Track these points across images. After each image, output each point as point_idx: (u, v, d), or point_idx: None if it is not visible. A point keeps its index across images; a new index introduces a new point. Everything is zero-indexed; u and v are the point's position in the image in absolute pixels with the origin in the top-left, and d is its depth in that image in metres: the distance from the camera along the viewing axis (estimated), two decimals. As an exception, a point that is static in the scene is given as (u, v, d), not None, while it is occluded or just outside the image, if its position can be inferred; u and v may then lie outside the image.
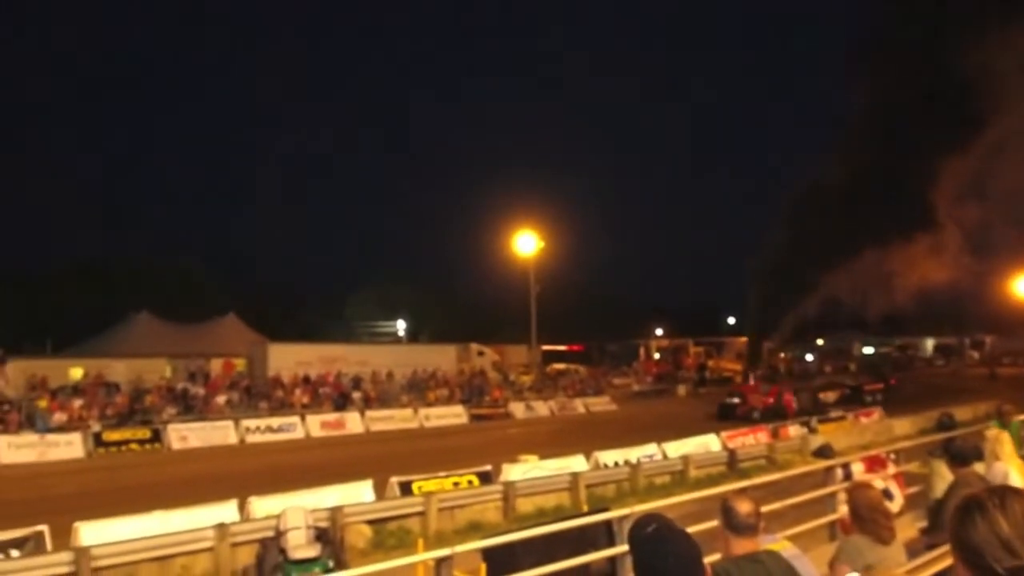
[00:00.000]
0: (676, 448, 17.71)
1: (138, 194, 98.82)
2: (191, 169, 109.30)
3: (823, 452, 13.20)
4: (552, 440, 23.49)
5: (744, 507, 3.24)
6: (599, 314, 66.23)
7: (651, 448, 17.62)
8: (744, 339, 53.37)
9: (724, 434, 19.95)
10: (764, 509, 3.51)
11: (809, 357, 61.21)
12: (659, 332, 62.44)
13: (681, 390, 46.41)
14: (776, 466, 16.99)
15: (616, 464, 16.14)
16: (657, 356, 56.21)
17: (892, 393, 36.61)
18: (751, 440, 20.07)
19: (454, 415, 31.89)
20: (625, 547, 7.58)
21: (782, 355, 56.36)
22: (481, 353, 43.19)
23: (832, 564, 4.19)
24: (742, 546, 3.17)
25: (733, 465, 16.86)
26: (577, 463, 15.80)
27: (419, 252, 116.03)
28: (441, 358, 38.67)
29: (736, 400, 31.80)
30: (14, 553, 9.55)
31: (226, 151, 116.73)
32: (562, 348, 54.23)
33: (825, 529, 9.23)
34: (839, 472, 10.31)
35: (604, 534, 7.67)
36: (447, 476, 14.56)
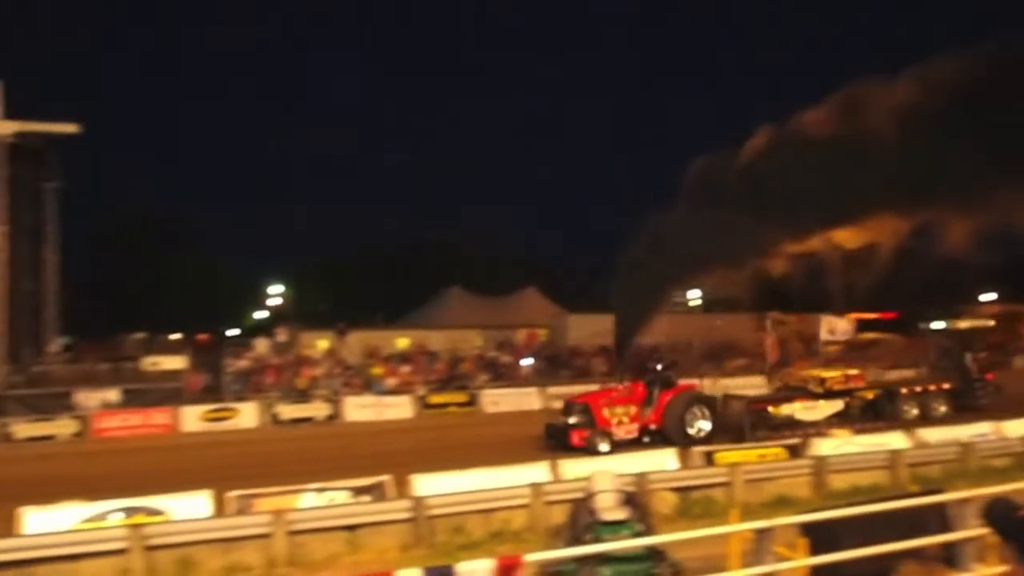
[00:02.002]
0: (1017, 427, 15.69)
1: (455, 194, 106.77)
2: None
3: None
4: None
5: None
6: (923, 278, 60.01)
7: (983, 427, 15.78)
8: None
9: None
10: None
11: None
12: (990, 297, 55.28)
13: (1018, 362, 40.86)
14: None
15: (941, 443, 14.67)
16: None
17: None
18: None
19: (753, 386, 30.89)
20: (964, 533, 6.94)
21: None
22: (782, 322, 41.28)
23: None
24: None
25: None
26: (895, 440, 14.63)
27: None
28: (739, 327, 37.59)
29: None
30: (364, 498, 11.00)
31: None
32: (874, 316, 50.01)
33: None
34: None
35: (936, 518, 7.06)
36: (752, 448, 14.25)
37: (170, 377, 26.66)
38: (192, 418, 23.36)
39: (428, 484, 11.14)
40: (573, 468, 12.04)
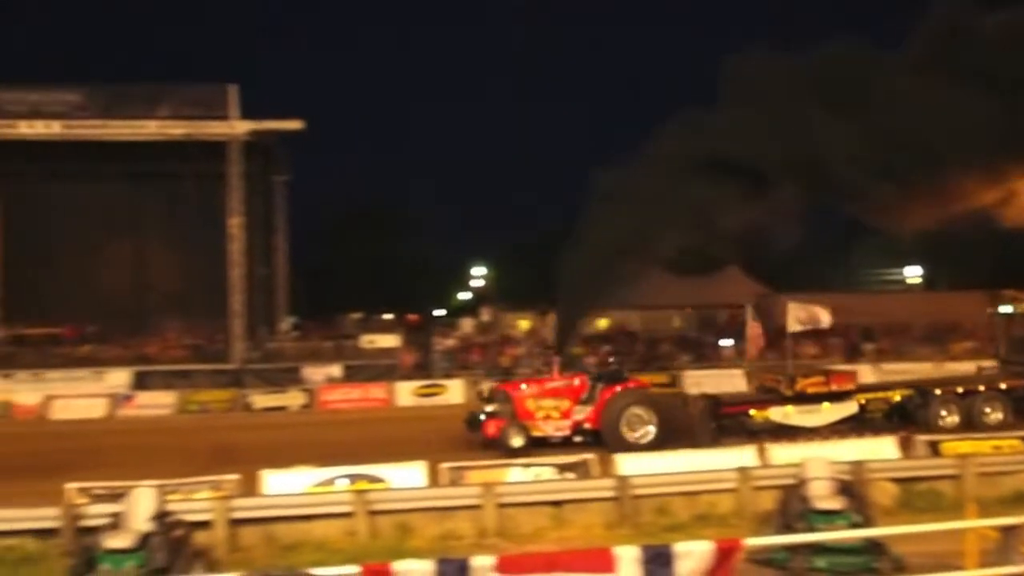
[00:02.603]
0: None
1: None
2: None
3: None
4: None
5: None
6: None
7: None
8: None
9: None
10: None
11: None
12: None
13: None
14: None
15: None
16: None
17: None
18: None
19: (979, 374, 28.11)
20: None
21: None
22: (1017, 300, 37.27)
23: None
24: None
25: None
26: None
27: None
28: (966, 307, 34.38)
29: None
30: (569, 475, 11.22)
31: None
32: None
33: None
34: None
35: None
36: (985, 439, 13.05)
37: (385, 354, 28.43)
38: (405, 393, 24.83)
39: (631, 464, 11.18)
40: (782, 453, 11.61)
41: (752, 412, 16.29)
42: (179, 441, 18.69)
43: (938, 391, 16.83)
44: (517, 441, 15.39)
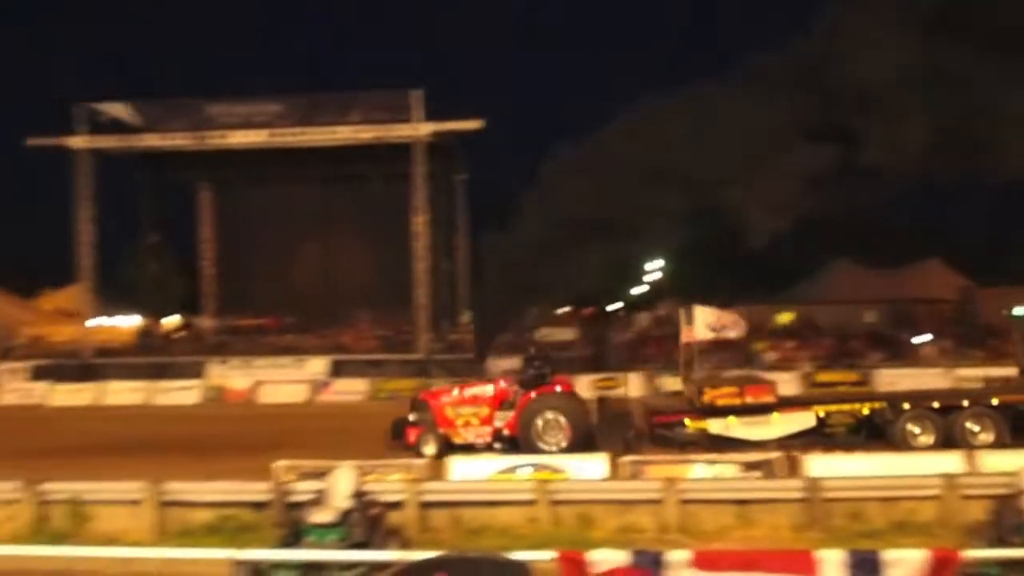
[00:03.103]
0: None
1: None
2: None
3: None
4: None
5: None
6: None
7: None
8: None
9: None
10: None
11: None
12: None
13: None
14: None
15: None
16: None
17: None
18: None
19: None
20: None
21: None
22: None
23: None
24: None
25: None
26: None
27: None
28: None
29: None
30: (754, 473, 10.87)
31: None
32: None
33: None
34: None
35: None
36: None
37: (562, 347, 28.73)
38: (583, 386, 24.94)
39: (822, 465, 10.68)
40: (994, 460, 10.68)
41: (687, 422, 14.86)
42: (372, 425, 19.78)
43: (906, 405, 14.61)
44: (429, 449, 14.87)
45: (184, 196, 38.93)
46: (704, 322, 17.64)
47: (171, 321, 45.33)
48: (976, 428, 14.21)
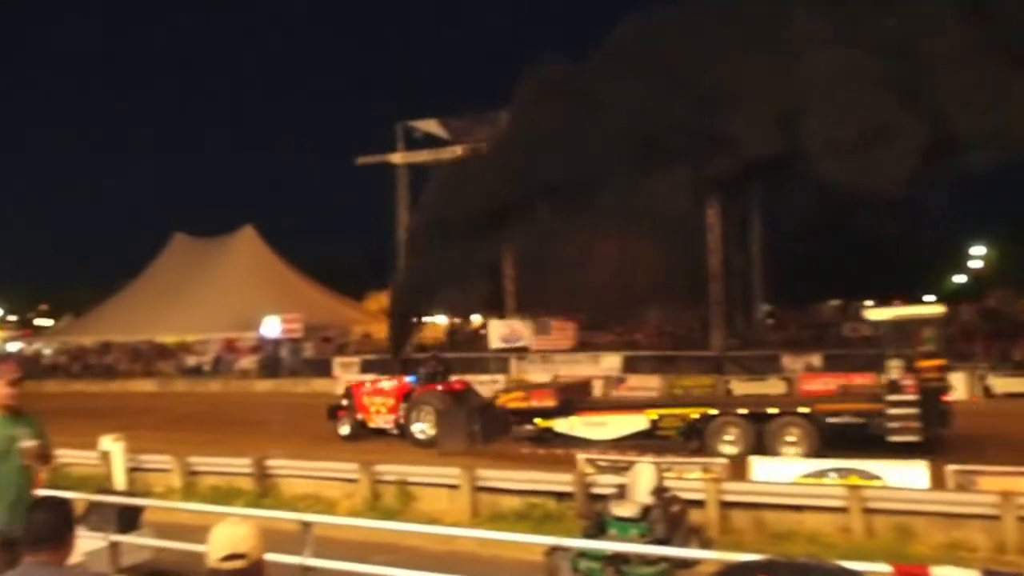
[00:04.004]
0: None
1: None
2: None
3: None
4: None
5: None
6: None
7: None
8: None
9: None
10: None
11: None
12: None
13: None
14: None
15: None
16: None
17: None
18: None
19: None
20: None
21: None
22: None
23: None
24: None
25: None
26: None
27: None
28: None
29: None
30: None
31: None
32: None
33: None
34: None
35: None
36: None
37: (869, 343, 26.60)
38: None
39: None
40: None
41: (537, 420, 16.31)
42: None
43: (715, 411, 15.10)
44: (344, 430, 18.40)
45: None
46: (497, 334, 22.08)
47: (478, 320, 48.80)
48: (789, 437, 14.17)
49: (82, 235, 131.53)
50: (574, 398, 17.37)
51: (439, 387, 18.18)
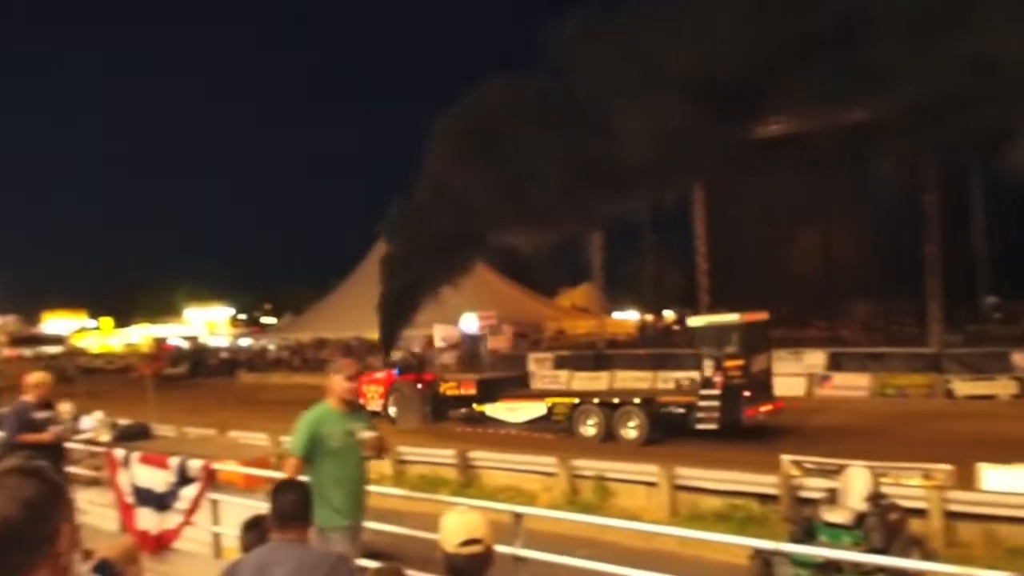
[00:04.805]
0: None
1: None
2: None
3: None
4: None
5: None
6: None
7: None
8: None
9: None
10: None
11: None
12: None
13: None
14: None
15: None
16: None
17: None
18: None
19: None
20: None
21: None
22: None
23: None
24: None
25: None
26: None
27: None
28: None
29: None
30: None
31: None
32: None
33: None
34: None
35: None
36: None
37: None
38: None
39: None
40: None
41: (475, 405, 20.09)
42: (877, 424, 18.60)
43: (576, 400, 18.26)
44: None
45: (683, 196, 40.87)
46: (440, 335, 29.30)
47: (670, 315, 48.03)
48: (630, 424, 16.97)
49: (299, 240, 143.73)
50: (496, 387, 20.64)
51: (413, 378, 22.05)
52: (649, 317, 49.13)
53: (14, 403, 7.49)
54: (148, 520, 7.84)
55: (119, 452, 8.32)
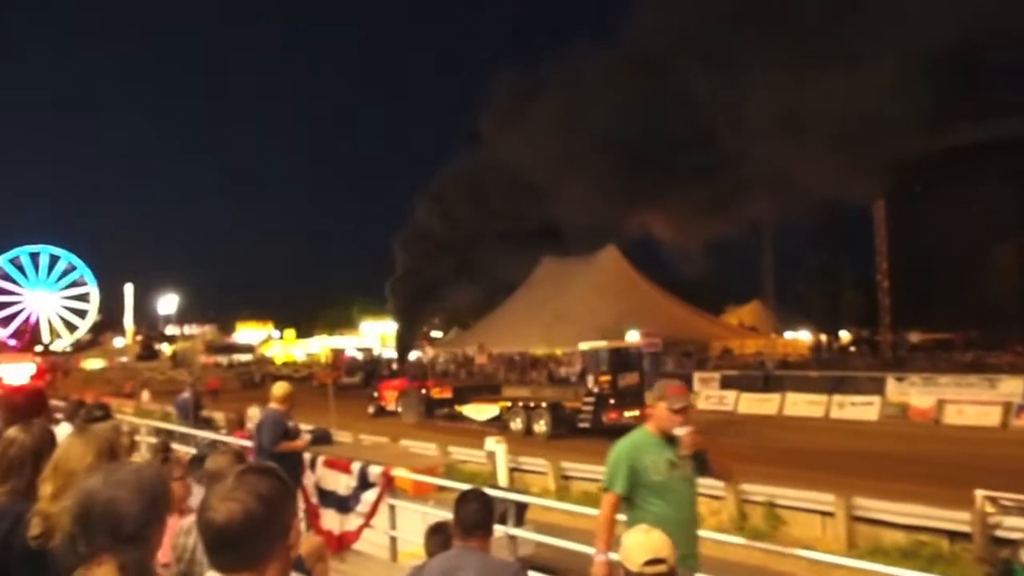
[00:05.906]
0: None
1: None
2: None
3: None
4: None
5: None
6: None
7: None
8: None
9: None
10: None
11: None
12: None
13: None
14: None
15: None
16: None
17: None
18: None
19: None
20: None
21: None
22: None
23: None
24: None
25: None
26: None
27: None
28: None
29: None
30: None
31: None
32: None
33: None
34: None
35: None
36: None
37: None
38: None
39: None
40: None
41: (456, 406, 26.70)
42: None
43: (509, 404, 24.20)
44: (370, 409, 29.12)
45: (860, 212, 38.94)
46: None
47: (846, 336, 45.64)
48: (541, 422, 22.66)
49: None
50: (469, 393, 27.51)
51: (418, 384, 29.11)
52: (823, 337, 46.79)
53: (267, 412, 7.57)
54: (331, 521, 8.34)
55: (306, 455, 8.91)
